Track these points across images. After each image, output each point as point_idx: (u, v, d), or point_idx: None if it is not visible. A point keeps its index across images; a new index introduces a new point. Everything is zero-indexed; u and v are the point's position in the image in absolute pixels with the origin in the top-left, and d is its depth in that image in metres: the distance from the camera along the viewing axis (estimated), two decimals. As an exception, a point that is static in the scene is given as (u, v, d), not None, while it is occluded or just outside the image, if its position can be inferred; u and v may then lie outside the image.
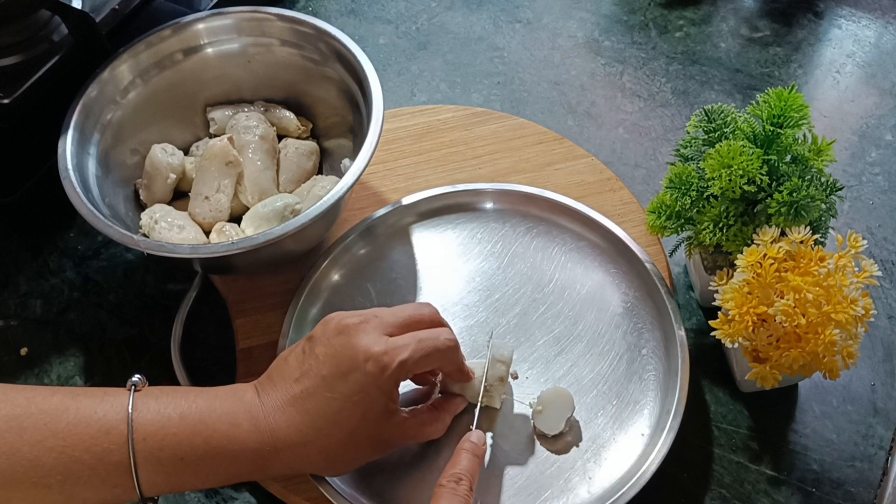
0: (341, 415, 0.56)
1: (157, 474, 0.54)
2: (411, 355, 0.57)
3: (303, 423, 0.56)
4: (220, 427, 0.55)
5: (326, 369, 0.57)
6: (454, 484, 0.55)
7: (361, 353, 0.56)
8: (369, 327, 0.58)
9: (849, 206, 0.80)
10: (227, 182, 0.75)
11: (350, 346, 0.57)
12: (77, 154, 0.71)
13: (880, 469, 0.66)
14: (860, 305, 0.58)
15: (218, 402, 0.57)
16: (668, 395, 0.66)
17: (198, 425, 0.55)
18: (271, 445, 0.56)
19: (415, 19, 0.98)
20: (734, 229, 0.65)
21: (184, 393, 0.57)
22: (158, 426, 0.54)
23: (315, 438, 0.57)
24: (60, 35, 0.77)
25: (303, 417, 0.56)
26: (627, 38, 0.95)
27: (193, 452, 0.55)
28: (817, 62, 0.92)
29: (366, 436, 0.58)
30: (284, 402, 0.57)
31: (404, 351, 0.57)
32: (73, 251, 0.81)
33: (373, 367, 0.56)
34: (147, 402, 0.55)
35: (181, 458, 0.54)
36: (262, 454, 0.56)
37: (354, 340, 0.57)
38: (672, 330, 0.68)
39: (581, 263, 0.75)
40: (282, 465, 0.57)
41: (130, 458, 0.53)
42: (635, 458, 0.64)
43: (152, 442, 0.54)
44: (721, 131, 0.68)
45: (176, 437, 0.54)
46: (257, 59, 0.81)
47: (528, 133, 0.84)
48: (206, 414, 0.56)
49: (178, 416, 0.55)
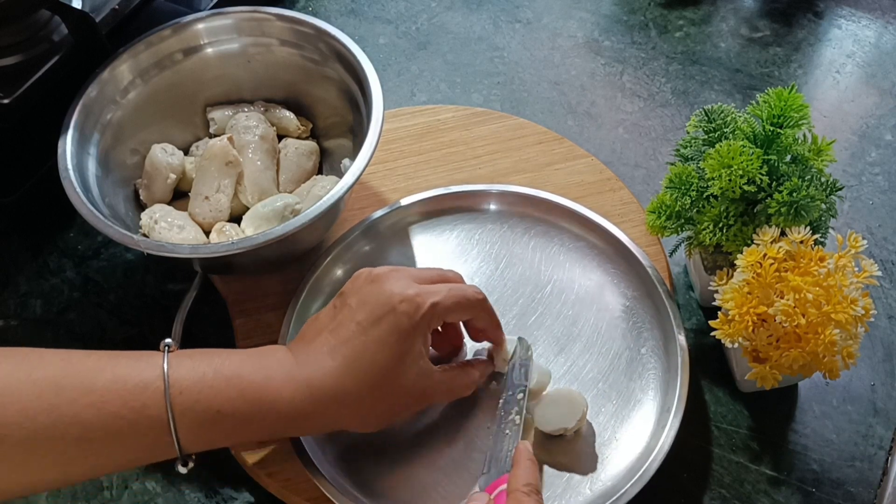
0: (376, 358, 0.57)
1: (195, 429, 0.55)
2: (443, 300, 0.59)
3: (338, 369, 0.57)
4: (255, 379, 0.56)
5: (361, 315, 0.58)
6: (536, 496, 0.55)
7: (396, 295, 0.58)
8: (400, 275, 0.60)
9: (849, 206, 0.80)
10: (227, 182, 0.75)
11: (383, 292, 0.58)
12: (77, 154, 0.71)
13: (880, 469, 0.66)
14: (860, 305, 0.58)
15: (251, 357, 0.58)
16: (668, 395, 0.66)
17: (232, 378, 0.56)
18: (307, 394, 0.57)
19: (415, 19, 0.98)
20: (734, 229, 0.65)
21: (216, 352, 0.58)
22: (193, 381, 0.55)
23: (350, 384, 0.57)
24: (60, 35, 0.77)
25: (338, 363, 0.57)
26: (627, 38, 0.95)
27: (229, 405, 0.55)
28: (817, 62, 0.92)
29: (399, 385, 0.58)
30: (319, 353, 0.58)
31: (436, 295, 0.59)
32: (73, 251, 0.81)
33: (406, 307, 0.57)
34: (181, 360, 0.56)
35: (217, 411, 0.55)
36: (297, 405, 0.57)
37: (387, 286, 0.58)
38: (672, 330, 0.68)
39: (580, 263, 0.75)
40: (316, 417, 0.58)
41: (168, 413, 0.54)
42: (635, 457, 0.64)
43: (188, 396, 0.54)
44: (721, 131, 0.68)
45: (212, 390, 0.55)
46: (257, 59, 0.81)
47: (527, 133, 0.84)
48: (240, 368, 0.57)
49: (212, 371, 0.56)
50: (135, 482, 0.68)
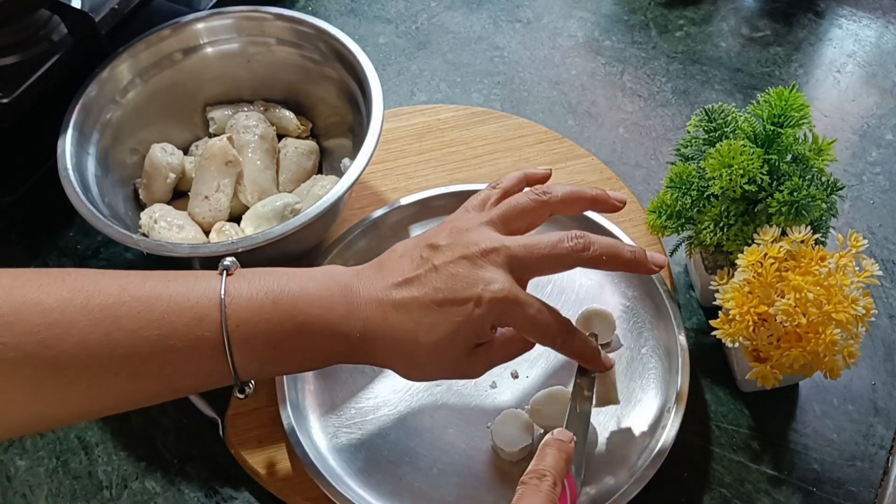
0: (437, 327, 0.56)
1: (252, 359, 0.55)
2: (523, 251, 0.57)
3: (399, 323, 0.56)
4: (313, 311, 0.55)
5: (441, 283, 0.56)
6: (536, 480, 0.53)
7: (480, 288, 0.55)
8: (499, 258, 0.57)
9: (849, 206, 0.80)
10: (227, 181, 0.75)
11: (472, 277, 0.56)
12: (76, 154, 0.71)
13: (881, 468, 0.66)
14: (861, 305, 0.58)
15: (312, 284, 0.57)
16: (669, 395, 0.66)
17: (291, 310, 0.55)
18: (361, 333, 0.56)
19: (415, 19, 0.98)
20: (735, 229, 0.65)
21: (277, 275, 0.57)
22: (252, 312, 0.54)
23: (405, 341, 0.56)
24: (60, 35, 0.77)
25: (400, 317, 0.56)
26: (628, 38, 0.95)
27: (286, 338, 0.55)
28: (818, 62, 0.92)
29: (450, 351, 0.57)
30: (386, 298, 0.57)
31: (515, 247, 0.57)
32: (72, 251, 0.81)
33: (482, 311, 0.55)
34: (240, 286, 0.55)
35: (274, 345, 0.55)
36: (351, 341, 0.56)
37: (479, 273, 0.56)
38: (672, 329, 0.68)
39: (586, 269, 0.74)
40: (365, 354, 0.58)
41: (225, 345, 0.53)
42: (635, 457, 0.64)
43: (245, 329, 0.54)
44: (721, 131, 0.68)
45: (269, 323, 0.54)
46: (257, 58, 0.81)
47: (528, 133, 0.84)
48: (300, 298, 0.55)
49: (270, 301, 0.55)
50: (134, 482, 0.68)
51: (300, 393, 0.68)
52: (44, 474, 0.69)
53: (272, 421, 0.66)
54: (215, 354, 0.54)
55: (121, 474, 0.68)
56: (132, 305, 0.52)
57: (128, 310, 0.52)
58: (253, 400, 0.68)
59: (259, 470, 0.66)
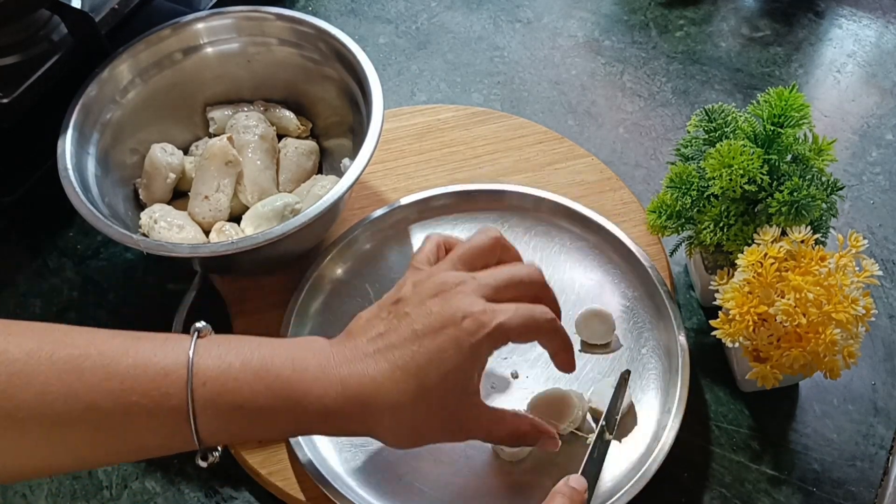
0: (424, 370, 0.53)
1: (217, 422, 0.52)
2: (509, 320, 0.54)
3: (380, 373, 0.53)
4: (283, 373, 0.53)
5: (419, 325, 0.54)
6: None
7: (460, 311, 0.53)
8: (468, 289, 0.55)
9: (849, 206, 0.80)
10: (227, 181, 0.75)
11: (448, 307, 0.54)
12: (76, 154, 0.71)
13: (881, 468, 0.66)
14: (861, 305, 0.58)
15: (283, 348, 0.54)
16: (669, 395, 0.66)
17: (260, 371, 0.52)
18: (339, 395, 0.53)
19: (415, 19, 0.98)
20: (735, 229, 0.65)
21: (248, 340, 0.54)
22: (219, 371, 0.52)
23: (391, 391, 0.53)
24: (60, 35, 0.76)
25: (381, 367, 0.53)
26: (628, 38, 0.95)
27: (255, 400, 0.52)
28: (818, 62, 0.92)
29: (443, 405, 0.54)
30: (363, 353, 0.54)
31: (503, 314, 0.54)
32: (72, 251, 0.81)
33: (470, 324, 0.53)
34: (209, 347, 0.53)
35: (240, 406, 0.52)
36: (327, 404, 0.53)
37: (454, 301, 0.54)
38: (672, 329, 0.68)
39: (580, 263, 0.74)
40: (345, 419, 0.54)
41: (189, 404, 0.51)
42: (636, 457, 0.64)
43: (212, 387, 0.51)
44: (722, 131, 0.68)
45: (237, 383, 0.52)
46: (257, 58, 0.81)
47: (528, 133, 0.84)
48: (270, 360, 0.53)
49: (239, 362, 0.52)
50: (134, 482, 0.68)
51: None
52: (44, 474, 0.69)
53: (272, 421, 0.66)
54: (178, 414, 0.51)
55: (121, 474, 0.68)
56: (97, 359, 0.51)
57: (92, 363, 0.51)
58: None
59: (259, 470, 0.66)
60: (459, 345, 0.53)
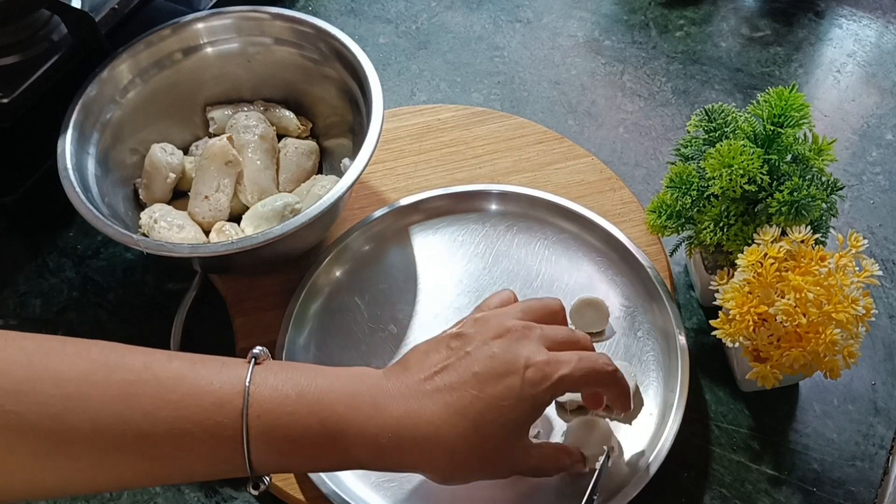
0: (483, 416, 0.52)
1: (269, 453, 0.51)
2: (573, 371, 0.54)
3: (437, 416, 0.52)
4: (338, 409, 0.52)
5: (479, 367, 0.53)
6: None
7: (523, 359, 0.53)
8: (533, 336, 0.55)
9: (849, 206, 0.80)
10: (227, 181, 0.75)
11: (511, 352, 0.54)
12: (76, 153, 0.71)
13: (881, 468, 0.66)
14: (861, 305, 0.58)
15: (339, 381, 0.53)
16: (669, 395, 0.66)
17: (314, 405, 0.52)
18: (394, 433, 0.52)
19: (415, 19, 0.98)
20: (735, 229, 0.65)
21: (305, 370, 0.54)
22: (275, 403, 0.51)
23: (446, 436, 0.52)
24: (60, 35, 0.76)
25: (439, 409, 0.52)
26: (628, 38, 0.95)
27: (308, 433, 0.51)
28: (818, 61, 0.92)
29: (496, 452, 0.54)
30: (419, 391, 0.53)
31: (567, 366, 0.54)
32: (72, 251, 0.81)
33: (533, 375, 0.53)
34: (266, 377, 0.52)
35: (295, 440, 0.52)
36: (380, 443, 0.52)
37: (517, 346, 0.54)
38: (672, 329, 0.68)
39: (580, 263, 0.75)
40: (398, 458, 0.53)
41: (243, 435, 0.50)
42: (636, 457, 0.64)
43: (267, 420, 0.51)
44: (721, 131, 0.68)
45: (291, 417, 0.51)
46: (257, 58, 0.81)
47: (528, 132, 0.84)
48: (326, 394, 0.52)
49: (295, 394, 0.52)
50: (134, 482, 0.68)
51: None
52: (44, 474, 0.68)
53: (272, 421, 0.66)
54: (232, 444, 0.50)
55: (121, 474, 0.68)
56: (153, 385, 0.50)
57: (148, 389, 0.50)
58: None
59: (259, 470, 0.66)
60: (521, 396, 0.53)
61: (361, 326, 0.72)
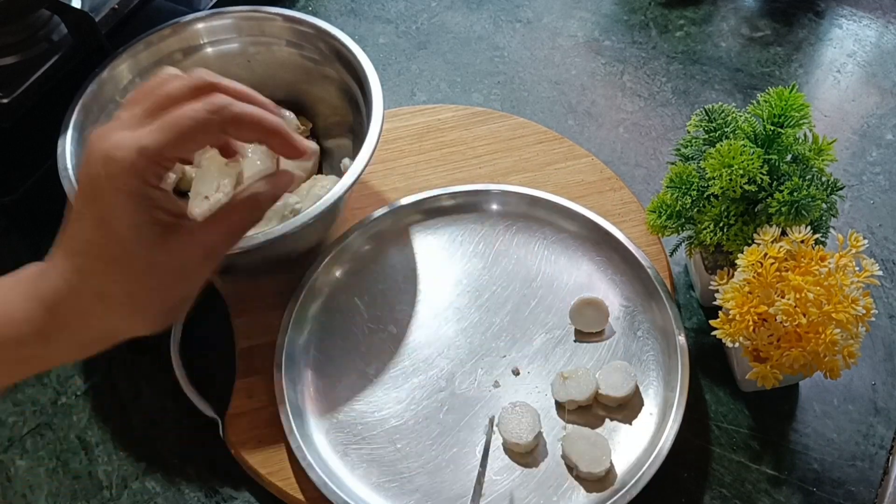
0: (95, 243, 0.47)
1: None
2: (151, 140, 0.46)
3: (65, 269, 0.48)
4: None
5: (80, 196, 0.48)
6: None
7: (99, 157, 0.46)
8: (114, 126, 0.47)
9: (849, 206, 0.80)
10: (227, 181, 0.75)
11: (92, 156, 0.46)
12: (76, 153, 0.71)
13: (881, 468, 0.66)
14: (861, 305, 0.58)
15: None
16: (668, 395, 0.66)
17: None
18: (40, 309, 0.48)
19: (415, 19, 0.98)
20: (735, 229, 0.65)
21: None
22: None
23: (80, 281, 0.48)
24: (60, 35, 0.76)
25: (64, 263, 0.48)
26: (628, 38, 0.95)
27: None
28: (818, 62, 0.92)
29: (141, 260, 0.48)
30: (54, 258, 0.49)
31: (144, 137, 0.46)
32: (72, 251, 0.81)
33: (109, 169, 0.45)
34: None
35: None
36: (36, 325, 0.48)
37: (96, 146, 0.46)
38: (672, 329, 0.68)
39: (580, 263, 0.75)
40: (65, 330, 0.49)
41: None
42: (636, 457, 0.64)
43: None
44: (722, 131, 0.68)
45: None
46: (257, 58, 0.81)
47: (528, 133, 0.84)
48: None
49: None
50: (134, 482, 0.68)
51: (300, 394, 0.68)
52: (44, 474, 0.69)
53: (272, 421, 0.66)
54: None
55: (121, 474, 0.68)
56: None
57: None
58: (253, 400, 0.68)
59: (259, 470, 0.66)
60: (109, 199, 0.46)
61: (361, 327, 0.72)
